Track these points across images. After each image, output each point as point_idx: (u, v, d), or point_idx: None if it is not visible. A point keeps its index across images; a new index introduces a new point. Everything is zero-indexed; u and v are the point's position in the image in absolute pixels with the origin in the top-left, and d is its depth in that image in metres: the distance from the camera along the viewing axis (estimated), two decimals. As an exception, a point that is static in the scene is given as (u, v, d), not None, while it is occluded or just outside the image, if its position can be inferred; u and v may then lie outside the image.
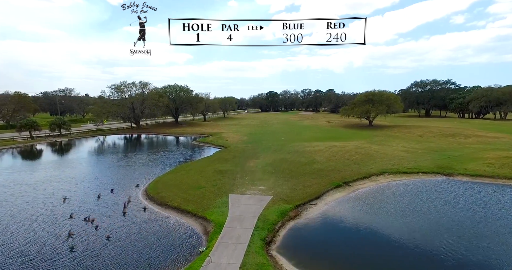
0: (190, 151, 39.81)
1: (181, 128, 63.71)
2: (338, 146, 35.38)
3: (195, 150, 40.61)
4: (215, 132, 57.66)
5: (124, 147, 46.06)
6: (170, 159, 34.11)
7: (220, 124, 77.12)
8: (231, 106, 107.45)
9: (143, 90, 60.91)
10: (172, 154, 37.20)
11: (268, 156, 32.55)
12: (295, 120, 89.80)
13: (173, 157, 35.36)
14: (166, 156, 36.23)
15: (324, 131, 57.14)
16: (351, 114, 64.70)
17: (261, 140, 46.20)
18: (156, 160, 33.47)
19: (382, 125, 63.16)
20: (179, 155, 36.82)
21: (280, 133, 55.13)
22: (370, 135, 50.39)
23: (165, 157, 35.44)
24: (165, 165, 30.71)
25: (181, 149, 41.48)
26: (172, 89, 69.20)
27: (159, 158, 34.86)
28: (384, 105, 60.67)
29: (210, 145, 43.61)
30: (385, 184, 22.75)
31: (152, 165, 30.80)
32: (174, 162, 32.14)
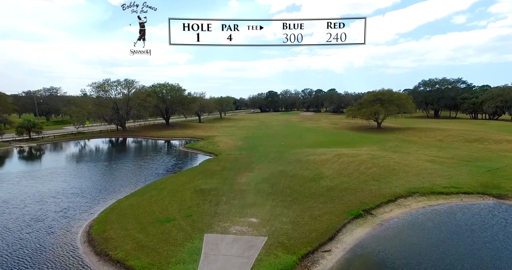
0: (175, 159, 34.07)
1: (171, 131, 58.02)
2: (349, 154, 29.66)
3: (180, 157, 34.88)
4: (208, 135, 51.96)
5: (99, 153, 40.08)
6: (146, 170, 28.41)
7: (215, 126, 71.42)
8: (228, 106, 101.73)
9: (129, 89, 55.22)
10: (152, 164, 31.47)
11: (264, 167, 26.84)
12: (296, 121, 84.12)
13: (152, 167, 29.65)
14: (144, 166, 30.53)
15: (329, 135, 51.42)
16: (357, 116, 58.96)
17: (258, 145, 40.48)
18: (129, 172, 27.77)
19: (392, 128, 57.40)
20: (160, 164, 31.09)
21: (280, 137, 49.43)
22: (381, 139, 44.64)
23: (142, 167, 29.74)
24: (138, 179, 24.98)
25: (164, 156, 35.75)
26: (163, 88, 63.48)
27: (134, 169, 29.15)
28: (394, 105, 54.95)
29: (199, 151, 37.90)
30: (419, 211, 17.02)
31: (121, 180, 25.08)
32: (150, 175, 26.44)
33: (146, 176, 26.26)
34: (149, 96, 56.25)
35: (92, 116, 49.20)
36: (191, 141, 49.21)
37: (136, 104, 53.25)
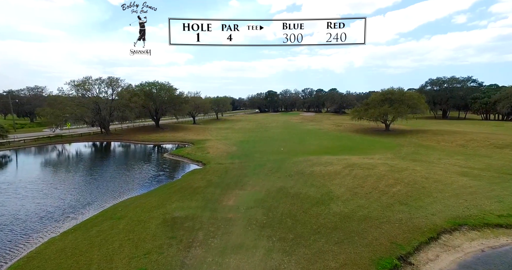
0: (155, 169, 28.84)
1: (160, 134, 52.87)
2: (361, 164, 24.57)
3: (161, 167, 29.67)
4: (199, 139, 46.84)
5: (66, 161, 34.14)
6: (115, 185, 23.19)
7: (209, 128, 66.29)
8: (225, 107, 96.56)
9: (113, 88, 50.08)
10: (126, 176, 26.27)
11: (259, 182, 21.76)
12: (297, 122, 79.04)
13: (124, 181, 24.44)
14: (115, 178, 25.33)
15: (333, 139, 46.32)
16: (364, 117, 53.86)
17: (254, 151, 35.37)
18: (92, 189, 22.47)
19: (402, 131, 52.31)
20: (135, 177, 25.88)
21: (279, 141, 44.33)
22: (393, 144, 39.54)
23: (112, 181, 24.52)
24: (99, 199, 19.78)
25: (144, 165, 30.55)
26: (152, 87, 58.28)
27: (100, 183, 23.88)
28: (405, 105, 49.86)
29: (185, 159, 32.75)
30: (478, 257, 11.92)
31: (76, 201, 19.75)
32: (117, 192, 21.26)
33: (113, 193, 21.09)
34: (136, 96, 51.07)
35: (69, 118, 43.99)
36: (181, 146, 44.11)
37: (120, 104, 48.08)
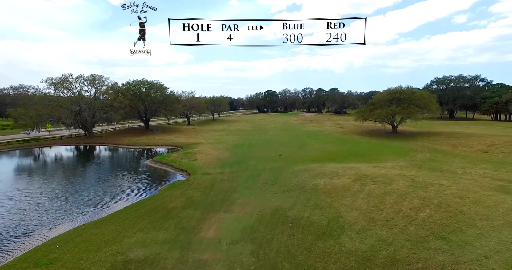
0: (130, 180, 24.56)
1: (148, 137, 48.74)
2: (374, 176, 20.52)
3: (138, 178, 25.34)
4: (190, 143, 42.72)
5: (23, 170, 28.78)
6: (69, 206, 18.81)
7: (203, 130, 62.16)
8: (222, 107, 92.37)
9: (96, 87, 45.91)
10: (91, 190, 21.90)
11: (250, 200, 17.69)
12: (296, 123, 74.97)
13: (85, 198, 20.14)
14: (75, 195, 21.02)
15: (337, 142, 42.21)
16: (370, 118, 49.80)
17: (248, 157, 31.26)
18: (38, 212, 18.13)
19: (410, 133, 48.26)
20: (102, 191, 21.55)
21: (277, 145, 40.22)
22: (405, 148, 35.46)
23: (70, 198, 20.14)
24: (35, 228, 15.53)
25: (119, 175, 26.30)
26: (140, 86, 54.06)
27: (52, 203, 19.43)
28: (414, 106, 45.78)
29: (168, 167, 28.60)
30: None
31: (14, 228, 15.66)
32: (66, 217, 17.00)
33: (64, 217, 16.86)
34: (122, 94, 46.87)
35: (44, 120, 39.65)
36: (169, 150, 39.99)
37: (103, 105, 43.89)
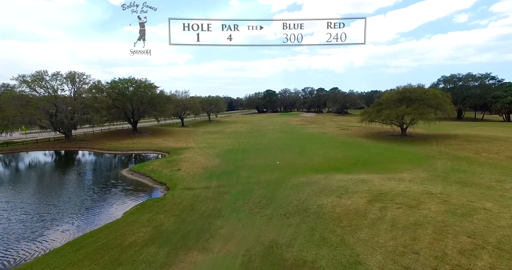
0: (92, 198, 19.77)
1: (134, 140, 44.49)
2: (393, 193, 16.32)
3: (106, 194, 20.80)
4: (178, 147, 38.48)
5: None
6: (9, 234, 14.70)
7: (196, 132, 57.89)
8: (218, 107, 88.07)
9: (74, 86, 41.56)
10: (38, 213, 17.51)
11: (236, 230, 13.49)
12: (296, 125, 70.72)
13: (31, 224, 15.91)
14: (25, 217, 16.85)
15: (342, 146, 37.93)
16: (376, 120, 45.56)
17: (241, 166, 27.00)
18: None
19: (422, 136, 44.03)
20: (44, 217, 17.11)
21: (275, 150, 35.97)
22: (420, 154, 31.22)
23: (13, 227, 15.96)
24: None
25: (81, 190, 21.60)
26: (127, 85, 49.77)
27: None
28: (426, 106, 41.55)
29: (146, 178, 24.30)
30: None
31: None
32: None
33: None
34: (105, 94, 42.61)
35: (12, 122, 35.23)
36: (153, 156, 35.75)
37: (83, 105, 39.62)
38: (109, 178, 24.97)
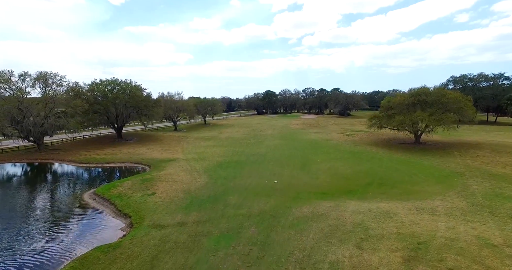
0: (18, 247, 14.93)
1: (115, 149, 39.59)
2: (440, 246, 11.43)
3: (45, 234, 15.65)
4: (162, 159, 33.59)
5: None
6: None
7: (188, 138, 52.97)
8: (215, 109, 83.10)
9: (47, 88, 36.65)
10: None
11: None
12: (297, 129, 65.79)
13: None
14: None
15: (350, 158, 32.97)
16: (387, 126, 40.66)
17: (230, 189, 22.06)
18: None
19: (439, 144, 39.11)
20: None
21: (273, 163, 31.04)
22: (444, 169, 26.28)
23: None
24: None
25: (15, 230, 16.65)
26: (112, 86, 44.84)
27: None
28: (444, 110, 36.66)
29: (110, 206, 19.35)
30: None
31: None
32: None
33: None
34: (79, 98, 37.71)
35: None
36: (131, 170, 30.82)
37: (54, 110, 34.68)
38: (63, 206, 19.96)
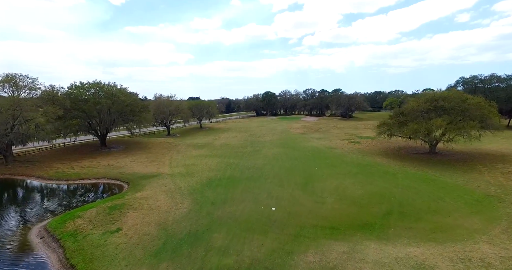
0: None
1: (94, 161, 35.42)
2: None
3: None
4: (144, 174, 29.44)
5: None
6: None
7: (180, 145, 48.80)
8: (211, 112, 78.82)
9: (17, 92, 32.42)
10: None
11: None
12: (298, 134, 61.61)
13: None
14: None
15: (359, 173, 28.72)
16: (398, 134, 36.47)
17: (216, 221, 17.83)
18: None
19: (457, 155, 34.95)
20: None
21: (270, 180, 26.79)
22: (475, 191, 22.06)
23: None
24: None
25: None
26: (93, 89, 40.61)
27: None
28: (464, 117, 32.50)
29: (57, 252, 15.12)
30: None
31: None
32: None
33: None
34: (53, 103, 33.51)
35: None
36: (104, 190, 26.66)
37: (24, 116, 30.51)
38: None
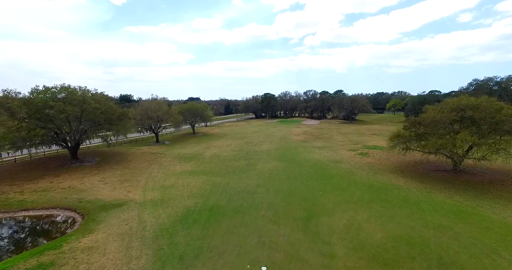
0: None
1: (54, 180, 29.98)
2: None
3: None
4: (108, 202, 23.92)
5: None
6: None
7: (164, 157, 43.26)
8: (204, 116, 73.24)
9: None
10: None
11: None
12: (298, 142, 56.05)
13: None
14: None
15: (373, 201, 23.09)
16: (415, 148, 30.89)
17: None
18: None
19: (488, 173, 29.37)
20: None
21: (264, 211, 21.17)
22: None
23: None
24: None
25: None
26: (61, 94, 35.11)
27: None
28: (492, 129, 26.92)
29: None
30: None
31: None
32: None
33: None
34: (6, 111, 28.01)
35: None
36: (55, 226, 21.15)
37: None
38: None
